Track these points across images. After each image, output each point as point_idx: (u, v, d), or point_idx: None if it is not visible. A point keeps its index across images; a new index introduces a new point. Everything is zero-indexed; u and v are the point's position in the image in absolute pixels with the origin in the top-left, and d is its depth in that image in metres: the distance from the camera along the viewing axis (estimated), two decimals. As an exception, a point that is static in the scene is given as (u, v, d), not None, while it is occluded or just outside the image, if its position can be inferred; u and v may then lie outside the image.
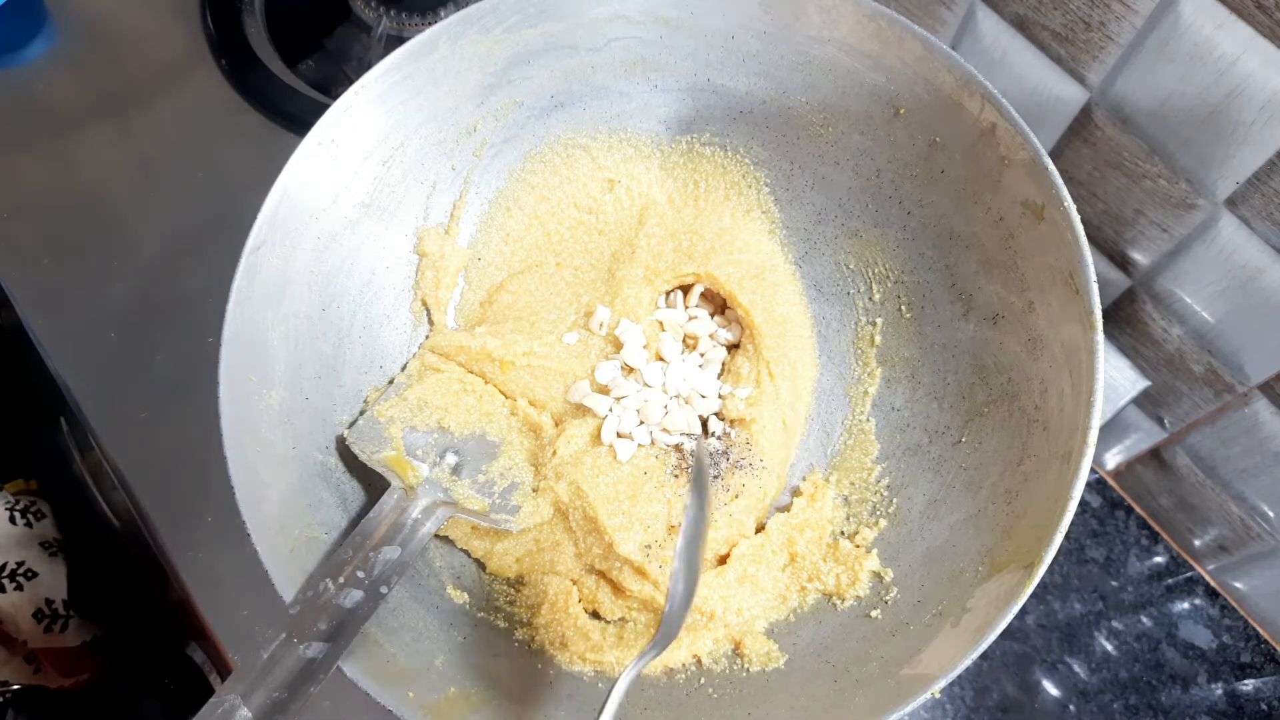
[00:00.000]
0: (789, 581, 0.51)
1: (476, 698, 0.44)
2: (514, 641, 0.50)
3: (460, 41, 0.51)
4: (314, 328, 0.49)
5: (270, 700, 0.38)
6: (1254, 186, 0.51)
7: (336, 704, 0.56)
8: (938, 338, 0.52)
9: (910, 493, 0.51)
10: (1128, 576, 0.66)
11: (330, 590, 0.42)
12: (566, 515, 0.51)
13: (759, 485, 0.53)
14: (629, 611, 0.51)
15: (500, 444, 0.53)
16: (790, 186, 0.57)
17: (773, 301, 0.55)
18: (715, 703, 0.47)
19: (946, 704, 0.62)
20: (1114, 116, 0.55)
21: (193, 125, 0.76)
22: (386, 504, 0.47)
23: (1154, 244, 0.58)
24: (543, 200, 0.58)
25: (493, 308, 0.57)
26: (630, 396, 0.53)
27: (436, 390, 0.53)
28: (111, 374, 0.67)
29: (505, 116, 0.55)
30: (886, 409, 0.54)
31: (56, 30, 0.81)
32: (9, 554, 0.77)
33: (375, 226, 0.52)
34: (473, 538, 0.52)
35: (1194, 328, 0.59)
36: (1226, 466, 0.63)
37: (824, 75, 0.52)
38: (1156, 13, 0.50)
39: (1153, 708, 0.62)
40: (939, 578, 0.46)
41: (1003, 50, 0.59)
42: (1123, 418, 0.68)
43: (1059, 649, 0.64)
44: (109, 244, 0.72)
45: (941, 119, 0.48)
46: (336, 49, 0.84)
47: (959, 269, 0.51)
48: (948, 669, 0.40)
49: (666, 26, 0.53)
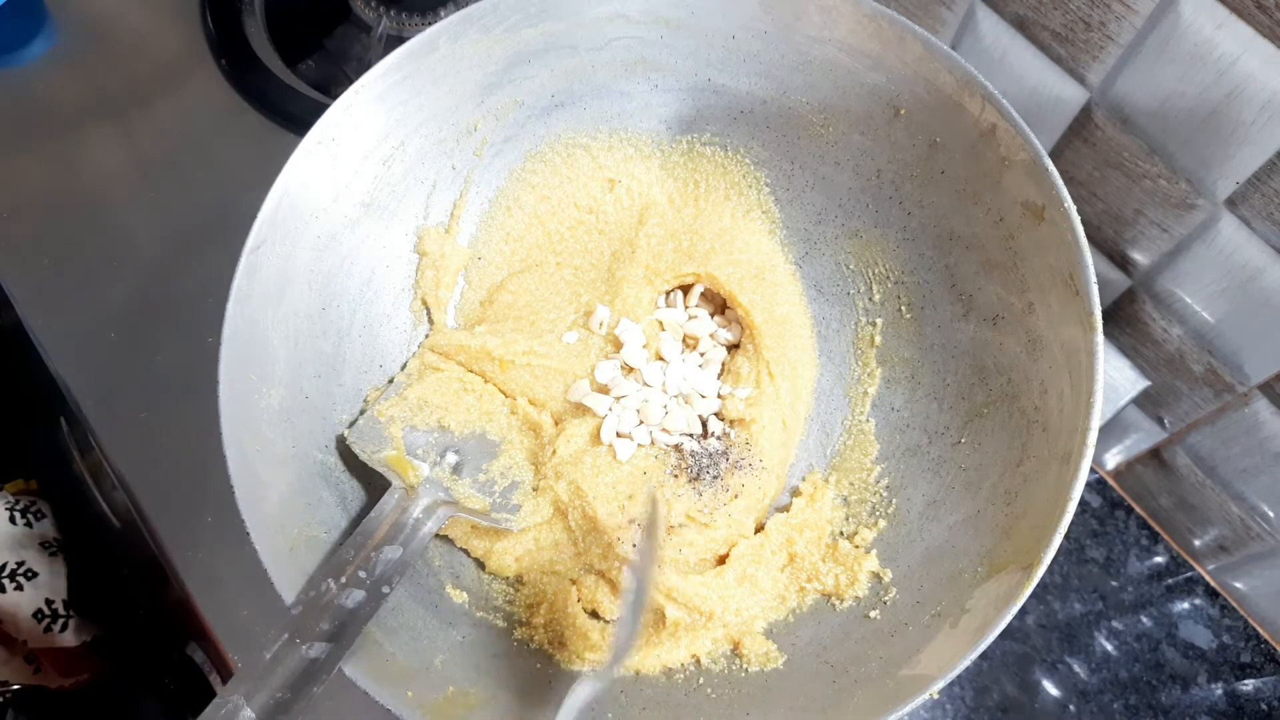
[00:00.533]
0: (788, 582, 0.51)
1: (475, 697, 0.44)
2: (513, 641, 0.50)
3: (460, 41, 0.51)
4: (314, 327, 0.49)
5: (273, 701, 0.38)
6: (1254, 186, 0.51)
7: (336, 703, 0.56)
8: (938, 338, 0.52)
9: (910, 493, 0.51)
10: (1128, 576, 0.66)
11: (332, 590, 0.42)
12: (566, 515, 0.51)
13: (758, 485, 0.53)
14: (629, 611, 0.51)
15: (500, 443, 0.53)
16: (790, 186, 0.57)
17: (773, 301, 0.55)
18: (714, 703, 0.47)
19: (946, 704, 0.62)
20: (1114, 116, 0.55)
21: (193, 125, 0.76)
22: (387, 504, 0.47)
23: (1154, 244, 0.58)
24: (543, 200, 0.58)
25: (493, 307, 0.57)
26: (630, 396, 0.53)
27: (436, 389, 0.53)
28: (111, 374, 0.67)
29: (506, 116, 0.55)
30: (886, 409, 0.54)
31: (56, 30, 0.81)
32: (9, 554, 0.77)
33: (375, 226, 0.52)
34: (472, 537, 0.52)
35: (1194, 328, 0.59)
36: (1226, 466, 0.63)
37: (824, 75, 0.52)
38: (1156, 13, 0.50)
39: (1153, 708, 0.62)
40: (938, 578, 0.46)
41: (1003, 50, 0.59)
42: (1123, 418, 0.68)
43: (1059, 649, 0.64)
44: (109, 244, 0.72)
45: (942, 119, 0.48)
46: (336, 49, 0.84)
47: (959, 269, 0.51)
48: (946, 670, 0.40)
49: (667, 26, 0.53)
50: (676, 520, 0.51)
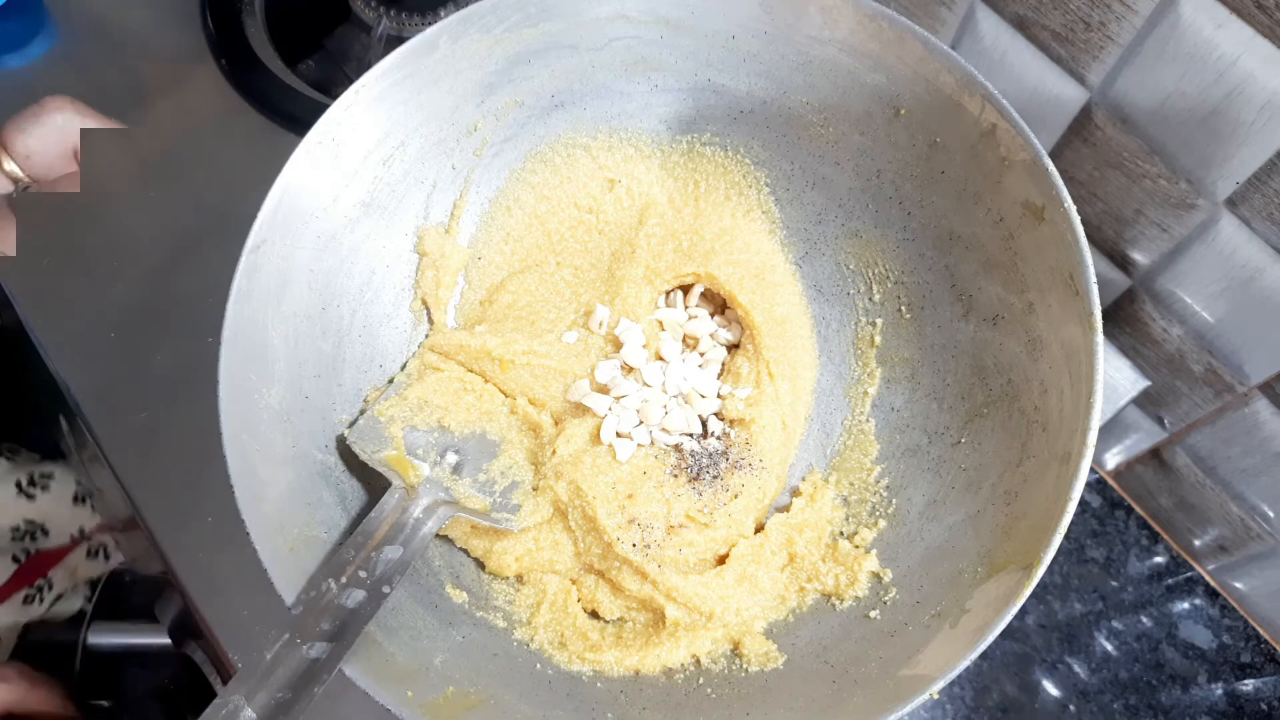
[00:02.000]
0: (788, 582, 0.51)
1: (475, 697, 0.44)
2: (513, 641, 0.50)
3: (460, 41, 0.51)
4: (314, 326, 0.49)
5: (274, 701, 0.38)
6: (1254, 186, 0.51)
7: (336, 703, 0.56)
8: (938, 338, 0.52)
9: (909, 493, 0.51)
10: (1128, 576, 0.66)
11: (333, 590, 0.42)
12: (566, 515, 0.51)
13: (758, 485, 0.53)
14: (627, 611, 0.51)
15: (500, 443, 0.53)
16: (790, 186, 0.57)
17: (773, 301, 0.55)
18: (714, 703, 0.47)
19: (946, 704, 0.62)
20: (1114, 116, 0.55)
21: (193, 125, 0.76)
22: (388, 503, 0.47)
23: (1154, 244, 0.58)
24: (543, 199, 0.58)
25: (493, 307, 0.57)
26: (630, 396, 0.53)
27: (436, 389, 0.53)
28: (111, 374, 0.67)
29: (506, 116, 0.55)
30: (886, 409, 0.54)
31: (56, 30, 0.81)
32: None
33: (375, 225, 0.52)
34: (472, 537, 0.52)
35: (1194, 328, 0.59)
36: (1226, 466, 0.63)
37: (824, 75, 0.52)
38: (1156, 13, 0.50)
39: (1153, 708, 0.62)
40: (938, 578, 0.46)
41: (1003, 50, 0.59)
42: (1123, 418, 0.68)
43: (1059, 649, 0.64)
44: (109, 244, 0.72)
45: (942, 119, 0.48)
46: (336, 49, 0.84)
47: (959, 269, 0.51)
48: (946, 670, 0.40)
49: (667, 26, 0.53)
50: (676, 520, 0.51)
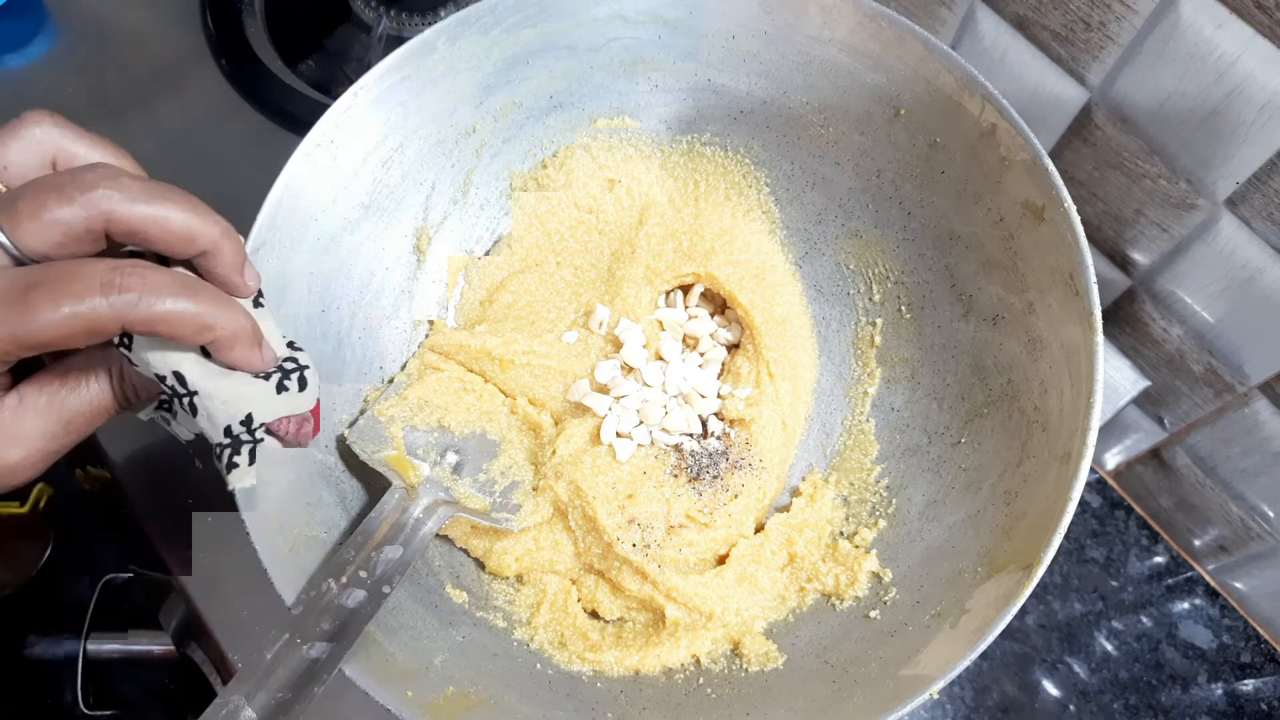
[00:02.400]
0: (788, 582, 0.51)
1: (475, 697, 0.44)
2: (513, 641, 0.50)
3: (459, 42, 0.51)
4: (314, 329, 0.49)
5: (274, 701, 0.38)
6: (1254, 186, 0.51)
7: (336, 703, 0.56)
8: (938, 338, 0.52)
9: (909, 493, 0.51)
10: (1128, 576, 0.66)
11: (333, 590, 0.42)
12: (566, 515, 0.51)
13: (758, 485, 0.53)
14: (627, 611, 0.51)
15: (500, 443, 0.53)
16: (790, 186, 0.57)
17: (773, 301, 0.55)
18: (714, 703, 0.47)
19: (946, 704, 0.62)
20: (1114, 116, 0.55)
21: (193, 125, 0.76)
22: (388, 503, 0.47)
23: (1154, 244, 0.58)
24: (543, 199, 0.58)
25: (493, 307, 0.57)
26: (630, 396, 0.53)
27: (436, 389, 0.53)
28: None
29: (504, 117, 0.55)
30: (886, 409, 0.54)
31: (56, 30, 0.81)
32: None
33: (374, 227, 0.52)
34: (472, 536, 0.52)
35: (1194, 328, 0.59)
36: (1226, 466, 0.63)
37: (824, 75, 0.52)
38: (1156, 13, 0.50)
39: (1153, 708, 0.62)
40: (938, 578, 0.46)
41: (1003, 50, 0.59)
42: (1123, 418, 0.68)
43: (1059, 649, 0.64)
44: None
45: (942, 119, 0.48)
46: (336, 49, 0.84)
47: (959, 269, 0.51)
48: (946, 670, 0.40)
49: (665, 26, 0.53)
50: (676, 520, 0.51)
